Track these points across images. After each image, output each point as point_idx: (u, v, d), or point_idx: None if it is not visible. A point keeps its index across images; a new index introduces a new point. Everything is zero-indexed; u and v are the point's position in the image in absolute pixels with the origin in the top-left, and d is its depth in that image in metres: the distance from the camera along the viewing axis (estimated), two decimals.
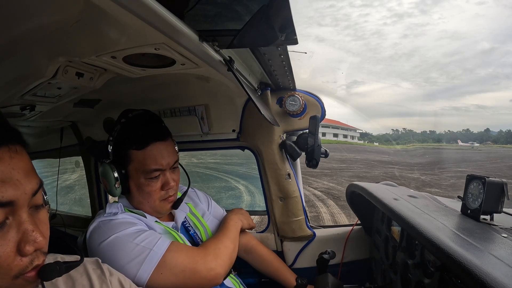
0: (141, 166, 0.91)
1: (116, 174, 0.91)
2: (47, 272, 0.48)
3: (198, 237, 1.07)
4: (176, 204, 1.01)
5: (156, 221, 0.97)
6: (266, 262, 1.29)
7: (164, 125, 0.99)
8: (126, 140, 0.92)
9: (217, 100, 1.31)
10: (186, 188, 1.12)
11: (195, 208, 1.16)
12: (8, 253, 0.44)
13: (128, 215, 0.92)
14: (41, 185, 0.49)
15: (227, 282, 1.06)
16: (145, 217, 0.96)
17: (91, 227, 0.90)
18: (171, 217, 1.07)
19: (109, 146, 0.95)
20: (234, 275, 1.13)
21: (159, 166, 0.92)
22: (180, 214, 1.06)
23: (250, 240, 1.31)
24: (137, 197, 0.96)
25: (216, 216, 1.23)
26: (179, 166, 1.02)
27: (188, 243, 0.99)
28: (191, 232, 1.07)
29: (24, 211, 0.45)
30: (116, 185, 0.92)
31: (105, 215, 0.91)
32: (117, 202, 1.00)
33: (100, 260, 0.69)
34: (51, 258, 0.58)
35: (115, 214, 0.91)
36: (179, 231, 1.03)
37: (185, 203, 1.12)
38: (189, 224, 1.09)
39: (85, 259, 0.66)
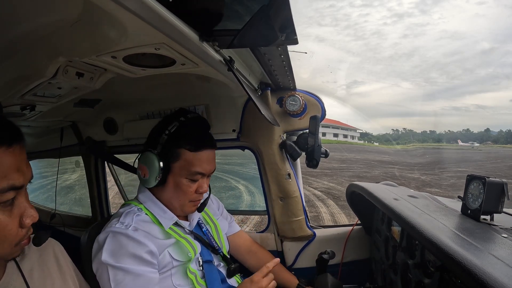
0: (188, 166, 0.94)
1: (162, 165, 0.93)
2: (39, 239, 0.64)
3: (210, 234, 1.11)
4: (201, 208, 1.05)
5: (169, 227, 0.98)
6: None
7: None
8: (182, 138, 0.95)
9: (217, 100, 1.31)
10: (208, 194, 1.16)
11: (207, 208, 1.20)
12: (15, 225, 0.56)
13: (141, 234, 0.90)
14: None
15: (232, 281, 1.08)
16: (160, 223, 0.96)
17: (101, 235, 0.90)
18: (186, 216, 1.09)
19: (162, 138, 0.96)
20: (240, 277, 1.15)
21: (203, 171, 0.97)
22: (195, 213, 1.09)
23: (252, 245, 1.33)
24: (170, 193, 0.98)
25: (225, 217, 1.29)
26: None
27: (199, 246, 1.02)
28: (204, 229, 1.11)
29: (24, 193, 0.58)
30: (157, 177, 0.94)
31: (117, 225, 0.91)
32: (135, 202, 1.00)
33: (62, 247, 0.80)
34: None
35: (127, 226, 0.90)
36: (193, 228, 1.06)
37: None
38: (202, 222, 1.14)
39: (56, 242, 0.79)
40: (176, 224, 1.00)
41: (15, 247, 0.58)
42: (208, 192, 1.15)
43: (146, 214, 0.97)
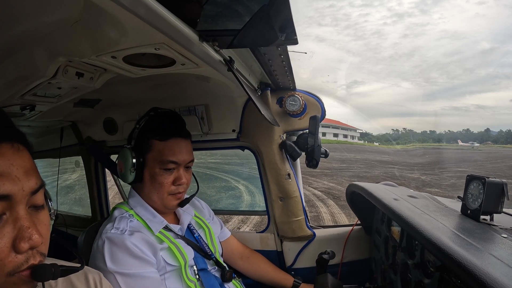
0: (159, 155, 0.96)
1: (134, 160, 0.95)
2: (41, 272, 0.46)
3: (203, 240, 1.10)
4: (183, 202, 1.04)
5: (160, 231, 0.97)
6: (260, 269, 1.32)
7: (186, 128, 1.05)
8: (151, 130, 0.98)
9: (217, 100, 1.31)
10: (195, 192, 1.15)
11: (199, 213, 1.20)
12: (2, 248, 0.43)
13: (137, 237, 0.90)
14: (41, 186, 0.49)
15: (230, 286, 1.08)
16: (150, 228, 0.96)
17: (99, 242, 0.89)
18: (177, 220, 1.09)
19: (134, 133, 1.00)
20: (239, 281, 1.15)
21: (175, 159, 0.97)
22: (186, 216, 1.09)
23: (244, 250, 1.34)
24: (148, 187, 0.99)
25: (215, 222, 1.28)
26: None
27: (191, 251, 1.01)
28: (196, 235, 1.10)
29: (22, 208, 0.45)
30: (131, 170, 0.95)
31: (112, 230, 0.90)
32: (126, 207, 1.00)
33: (102, 275, 0.68)
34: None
35: (123, 231, 0.90)
36: (184, 233, 1.05)
37: (191, 207, 1.15)
38: (194, 227, 1.12)
39: (89, 268, 0.67)
40: (166, 228, 1.00)
41: (9, 277, 0.44)
42: (196, 190, 1.16)
43: (137, 220, 0.97)
